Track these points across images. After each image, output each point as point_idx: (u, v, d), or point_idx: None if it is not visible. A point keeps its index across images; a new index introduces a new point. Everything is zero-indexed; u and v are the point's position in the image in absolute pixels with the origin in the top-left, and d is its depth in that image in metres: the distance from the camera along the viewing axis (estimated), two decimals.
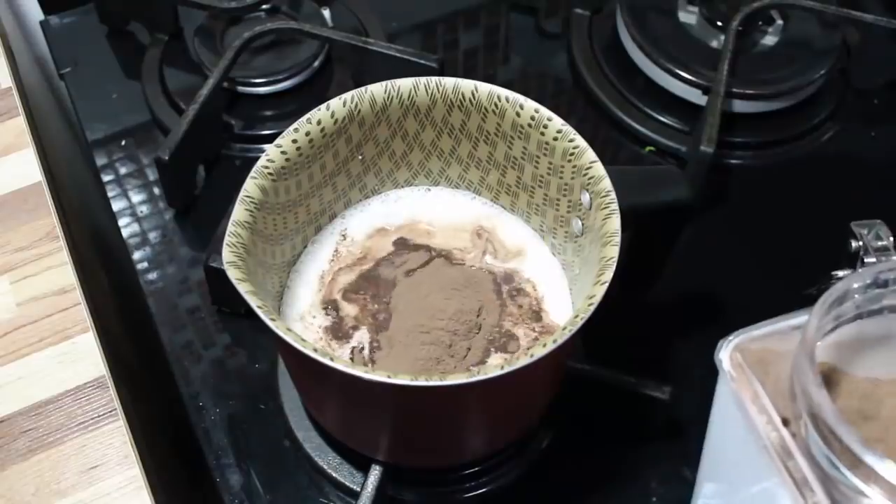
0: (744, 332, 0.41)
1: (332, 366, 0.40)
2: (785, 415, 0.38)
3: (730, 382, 0.40)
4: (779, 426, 0.38)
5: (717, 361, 0.41)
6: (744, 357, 0.40)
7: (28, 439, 0.53)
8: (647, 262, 0.58)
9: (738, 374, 0.40)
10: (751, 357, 0.40)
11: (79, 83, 0.73)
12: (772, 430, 0.38)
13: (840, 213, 0.67)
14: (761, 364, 0.40)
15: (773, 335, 0.41)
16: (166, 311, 0.61)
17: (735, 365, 0.40)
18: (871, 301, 0.40)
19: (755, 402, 0.39)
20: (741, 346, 0.41)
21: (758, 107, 0.70)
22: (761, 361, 0.40)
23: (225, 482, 0.54)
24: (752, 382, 0.40)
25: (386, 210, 0.55)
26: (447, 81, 0.51)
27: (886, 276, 0.40)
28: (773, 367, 0.40)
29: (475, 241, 0.54)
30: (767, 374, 0.40)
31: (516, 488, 0.54)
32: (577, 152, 0.49)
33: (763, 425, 0.39)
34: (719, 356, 0.41)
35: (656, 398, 0.54)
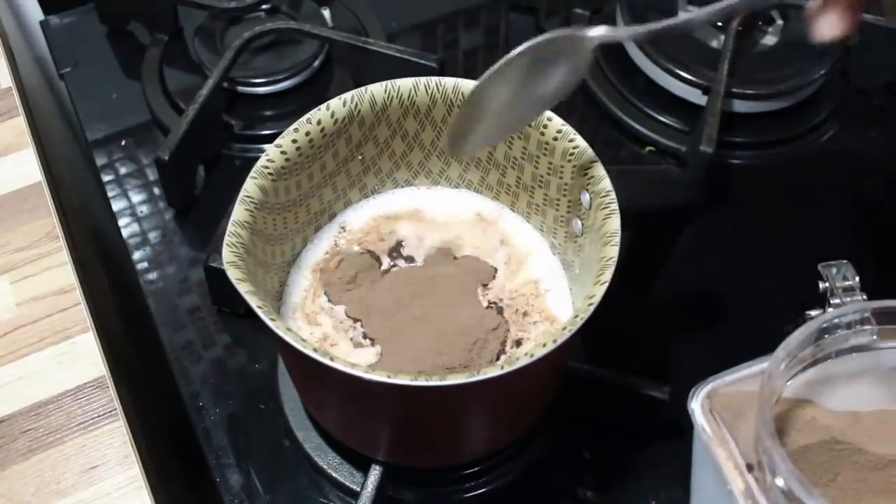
0: (715, 379, 0.43)
1: (332, 366, 0.40)
2: (750, 460, 0.40)
3: (700, 433, 0.41)
4: (743, 471, 0.39)
5: (690, 410, 0.42)
6: (714, 403, 0.42)
7: (28, 439, 0.53)
8: (647, 262, 0.58)
9: (708, 422, 0.42)
10: (721, 402, 0.42)
11: (79, 83, 0.73)
12: (738, 476, 0.40)
13: (840, 213, 0.67)
14: (731, 409, 0.42)
15: (745, 379, 0.43)
16: (166, 311, 0.61)
17: (706, 412, 0.42)
18: (837, 342, 0.42)
19: (723, 447, 0.41)
20: (713, 392, 0.42)
21: (758, 107, 0.70)
22: (731, 406, 0.42)
23: (225, 482, 0.54)
24: (721, 428, 0.41)
25: (386, 209, 0.55)
26: (447, 81, 0.51)
27: (850, 318, 0.42)
28: (744, 412, 0.41)
29: (485, 233, 0.54)
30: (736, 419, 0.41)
31: (516, 488, 0.54)
32: (577, 152, 0.49)
33: (730, 472, 0.40)
34: (691, 405, 0.42)
35: (656, 398, 0.53)
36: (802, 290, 0.62)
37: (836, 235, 0.65)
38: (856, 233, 0.66)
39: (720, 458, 0.40)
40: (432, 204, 0.56)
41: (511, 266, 0.53)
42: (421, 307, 0.50)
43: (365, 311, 0.51)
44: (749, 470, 0.40)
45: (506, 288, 0.52)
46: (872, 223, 0.66)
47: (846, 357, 0.42)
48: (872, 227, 0.66)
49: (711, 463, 0.41)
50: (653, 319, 0.61)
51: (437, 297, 0.50)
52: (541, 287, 0.52)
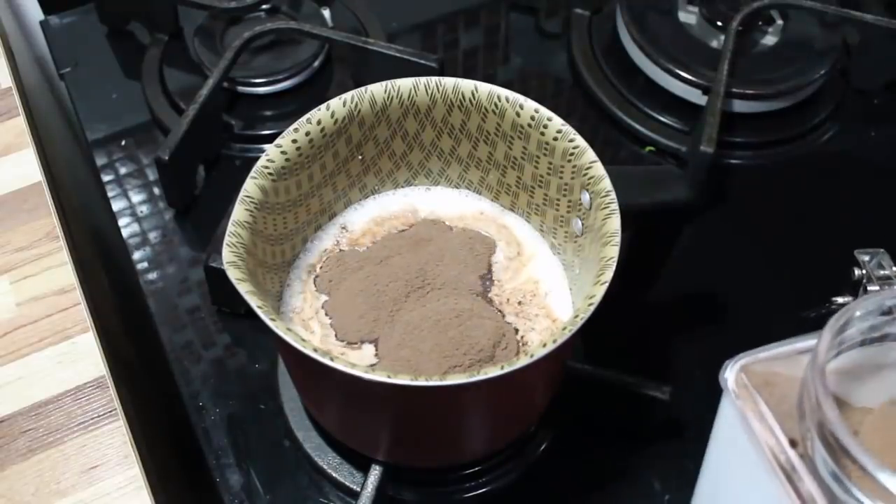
0: (749, 355, 0.41)
1: (332, 366, 0.41)
2: (791, 436, 0.38)
3: (735, 401, 0.40)
4: (786, 446, 0.38)
5: (722, 381, 0.40)
6: (749, 378, 0.40)
7: (28, 439, 0.53)
8: (647, 262, 0.58)
9: (743, 394, 0.40)
10: (755, 378, 0.40)
11: (79, 83, 0.73)
12: (779, 451, 0.38)
13: (840, 213, 0.67)
14: (766, 386, 0.40)
15: (778, 358, 0.41)
16: (166, 311, 0.61)
17: (740, 385, 0.40)
18: (874, 329, 0.41)
19: (761, 422, 0.39)
20: (746, 367, 0.41)
21: (758, 107, 0.70)
22: (766, 383, 0.40)
23: (225, 482, 0.54)
24: (758, 403, 0.39)
25: (386, 209, 0.55)
26: (447, 81, 0.51)
27: (891, 303, 0.40)
28: (777, 389, 0.40)
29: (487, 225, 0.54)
30: (772, 396, 0.40)
31: (516, 488, 0.54)
32: (577, 152, 0.49)
33: (770, 445, 0.39)
34: (724, 376, 0.40)
35: (656, 398, 0.54)
36: (802, 289, 0.62)
37: (836, 235, 0.65)
38: (856, 232, 0.65)
39: (759, 432, 0.39)
40: (432, 204, 0.56)
41: (511, 266, 0.53)
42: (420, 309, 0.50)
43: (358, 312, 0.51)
44: (793, 446, 0.38)
45: (506, 288, 0.52)
46: (872, 223, 0.66)
47: (877, 346, 0.41)
48: (872, 227, 0.66)
49: (743, 440, 0.39)
50: (653, 319, 0.61)
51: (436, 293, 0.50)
52: (541, 287, 0.52)
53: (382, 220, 0.55)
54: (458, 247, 0.53)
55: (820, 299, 0.58)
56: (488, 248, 0.53)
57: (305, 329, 0.51)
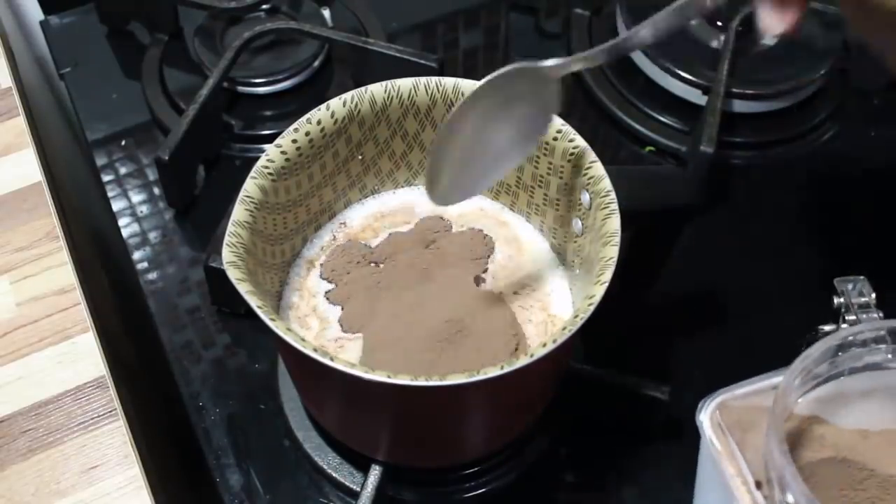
0: (725, 392, 0.42)
1: (331, 366, 0.41)
2: (759, 477, 0.39)
3: (709, 445, 0.41)
4: (752, 489, 0.39)
5: (698, 423, 0.41)
6: (723, 416, 0.41)
7: (28, 439, 0.53)
8: (647, 262, 0.58)
9: (717, 436, 0.41)
10: (731, 416, 0.41)
11: (79, 83, 0.73)
12: (746, 493, 0.39)
13: (839, 213, 0.67)
14: (741, 424, 0.41)
15: (755, 394, 0.42)
16: (166, 311, 0.61)
17: (715, 425, 0.41)
18: (851, 360, 0.41)
19: (732, 462, 0.40)
20: (722, 405, 0.41)
21: (758, 107, 0.70)
22: (741, 421, 0.41)
23: (225, 482, 0.54)
24: (730, 444, 0.40)
25: (386, 208, 0.55)
26: (447, 81, 0.51)
27: (865, 336, 0.41)
28: (754, 426, 0.40)
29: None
30: (746, 434, 0.40)
31: (516, 488, 0.54)
32: (577, 152, 0.49)
33: (738, 488, 0.39)
34: (699, 418, 0.41)
35: (656, 398, 0.53)
36: (802, 289, 0.62)
37: (835, 235, 0.65)
38: (855, 232, 0.66)
39: (728, 474, 0.40)
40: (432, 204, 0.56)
41: (510, 265, 0.53)
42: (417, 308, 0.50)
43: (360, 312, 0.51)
44: (758, 487, 0.39)
45: (503, 284, 0.52)
46: (872, 223, 0.66)
47: (858, 375, 0.42)
48: (872, 227, 0.66)
49: (718, 477, 0.40)
50: (653, 319, 0.61)
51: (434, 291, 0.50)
52: (541, 287, 0.52)
53: (382, 216, 0.55)
54: (460, 244, 0.53)
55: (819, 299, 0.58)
56: (488, 247, 0.53)
57: (302, 326, 0.51)
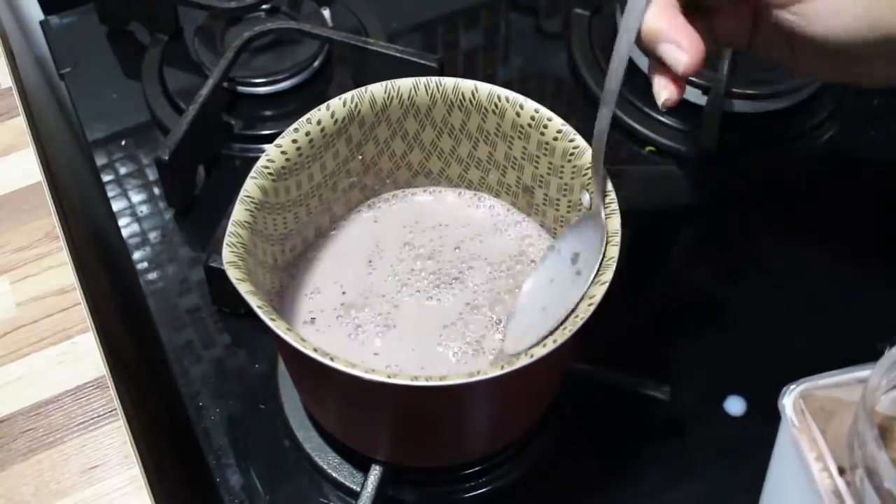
0: (808, 381, 0.42)
1: (332, 366, 0.41)
2: (842, 464, 0.39)
3: (790, 428, 0.41)
4: (834, 474, 0.39)
5: (781, 407, 0.41)
6: (806, 404, 0.41)
7: (28, 439, 0.53)
8: (647, 262, 0.58)
9: (799, 420, 0.41)
10: (813, 404, 0.41)
11: (79, 83, 0.73)
12: (827, 478, 0.39)
13: (839, 214, 0.67)
14: (823, 412, 0.40)
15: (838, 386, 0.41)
16: (166, 311, 0.61)
17: (797, 411, 0.41)
18: None
19: (813, 448, 0.40)
20: (805, 393, 0.41)
21: (758, 107, 0.70)
22: (823, 410, 0.41)
23: (225, 482, 0.54)
24: (812, 429, 0.40)
25: (386, 208, 0.55)
26: (447, 81, 0.51)
27: None
28: (835, 416, 0.40)
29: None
30: (828, 423, 0.40)
31: (517, 488, 0.54)
32: (577, 152, 0.49)
33: (818, 472, 0.39)
34: (783, 402, 0.41)
35: (656, 398, 0.54)
36: (802, 289, 0.62)
37: (835, 235, 0.65)
38: (855, 233, 0.66)
39: (809, 459, 0.40)
40: (432, 204, 0.56)
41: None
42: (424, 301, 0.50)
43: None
44: (841, 473, 0.39)
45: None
46: (872, 223, 0.66)
47: None
48: (872, 227, 0.66)
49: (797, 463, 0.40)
50: (653, 319, 0.61)
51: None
52: None
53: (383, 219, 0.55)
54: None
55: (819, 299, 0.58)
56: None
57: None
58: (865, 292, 0.61)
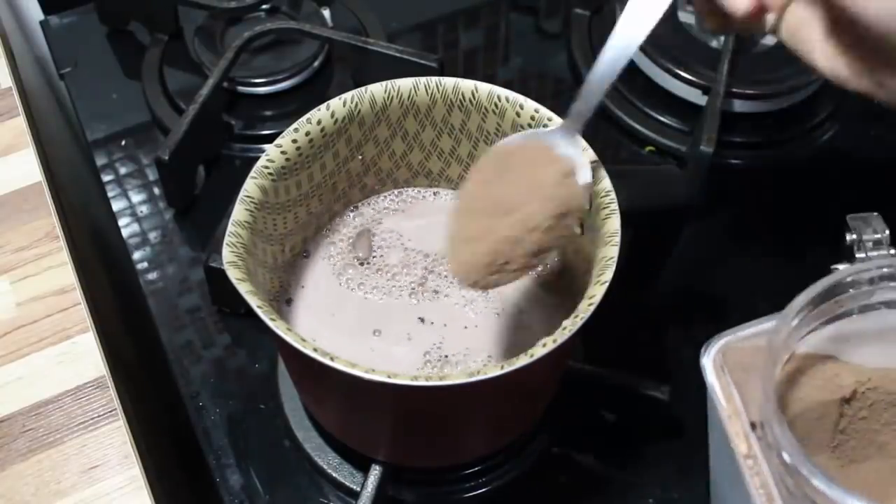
0: (728, 334, 0.41)
1: (332, 366, 0.40)
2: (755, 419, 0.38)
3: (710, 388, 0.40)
4: (746, 428, 0.38)
5: (701, 365, 0.41)
6: (727, 359, 0.40)
7: (28, 439, 0.53)
8: (647, 262, 0.58)
9: (718, 377, 0.40)
10: (733, 357, 0.40)
11: (79, 83, 0.73)
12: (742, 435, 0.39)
13: (839, 213, 0.67)
14: (742, 365, 0.40)
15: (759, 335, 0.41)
16: (166, 311, 0.61)
17: (717, 367, 0.40)
18: (860, 297, 0.40)
19: (729, 403, 0.39)
20: (726, 347, 0.40)
21: (758, 107, 0.70)
22: (743, 363, 0.40)
23: (225, 482, 0.54)
24: (728, 384, 0.39)
25: (386, 208, 0.55)
26: (447, 81, 0.51)
27: (873, 273, 0.40)
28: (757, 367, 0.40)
29: None
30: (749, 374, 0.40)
31: (516, 488, 0.54)
32: None
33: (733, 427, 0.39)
34: (703, 360, 0.41)
35: (656, 398, 0.54)
36: (801, 289, 0.62)
37: (835, 235, 0.65)
38: None
39: (725, 415, 0.39)
40: (435, 204, 0.56)
41: None
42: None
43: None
44: (752, 429, 0.38)
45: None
46: None
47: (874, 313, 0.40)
48: None
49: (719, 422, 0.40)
50: (653, 319, 0.61)
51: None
52: None
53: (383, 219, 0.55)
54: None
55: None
56: None
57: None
58: None
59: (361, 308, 0.51)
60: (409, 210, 0.56)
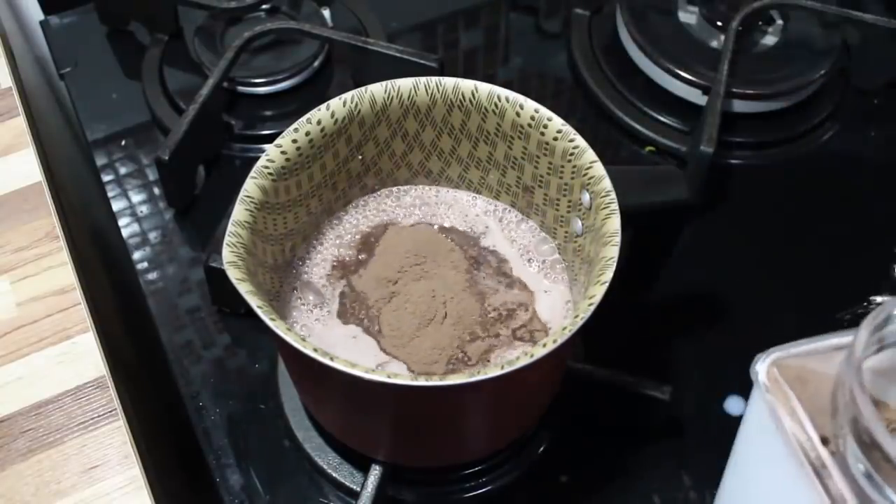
0: (781, 349, 0.40)
1: (331, 366, 0.41)
2: (823, 433, 0.38)
3: (765, 395, 0.39)
4: (816, 443, 0.38)
5: (753, 374, 0.40)
6: (780, 373, 0.40)
7: (28, 439, 0.53)
8: (647, 262, 0.58)
9: (774, 388, 0.39)
10: (787, 373, 0.39)
11: (79, 83, 0.73)
12: (809, 447, 0.38)
13: (840, 213, 0.67)
14: (798, 381, 0.39)
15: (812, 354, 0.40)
16: (166, 311, 0.61)
17: (772, 379, 0.39)
18: None
19: (792, 417, 0.38)
20: (778, 361, 0.40)
21: (758, 107, 0.70)
22: (798, 378, 0.39)
23: (225, 482, 0.54)
24: (790, 398, 0.39)
25: (385, 208, 0.55)
26: (447, 81, 0.51)
27: None
28: (809, 385, 0.39)
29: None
30: (804, 392, 0.39)
31: (516, 488, 0.54)
32: (577, 152, 0.49)
33: (800, 441, 0.38)
34: (755, 369, 0.40)
35: (656, 398, 0.54)
36: (801, 289, 0.62)
37: (835, 235, 0.65)
38: (855, 233, 0.66)
39: (789, 428, 0.38)
40: (434, 204, 0.56)
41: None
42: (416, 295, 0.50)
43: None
44: (824, 443, 0.37)
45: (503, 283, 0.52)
46: (872, 223, 0.66)
47: None
48: (872, 227, 0.66)
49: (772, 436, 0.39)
50: (653, 319, 0.61)
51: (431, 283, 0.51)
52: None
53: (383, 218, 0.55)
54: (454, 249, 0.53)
55: (819, 300, 0.58)
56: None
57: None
58: (867, 291, 0.61)
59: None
60: (409, 210, 0.56)
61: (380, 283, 0.52)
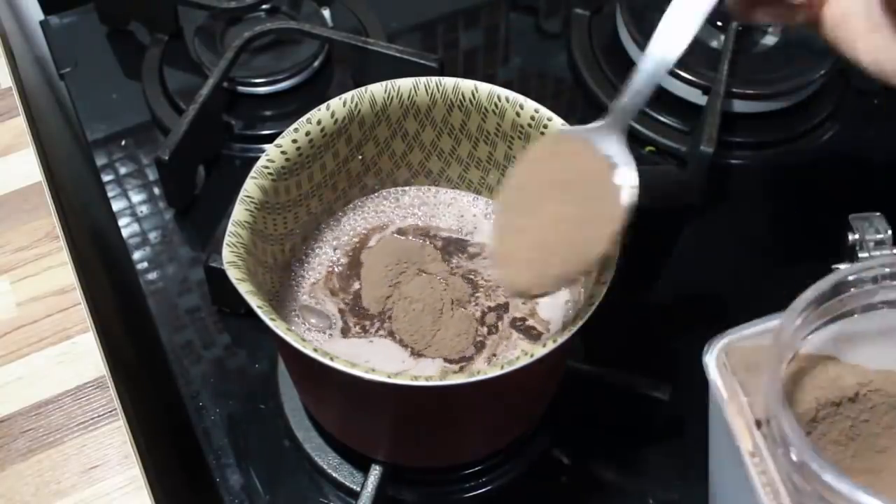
0: (732, 333, 0.41)
1: (332, 366, 0.41)
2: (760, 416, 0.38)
3: (713, 387, 0.40)
4: (752, 427, 0.38)
5: (704, 364, 0.40)
6: (730, 358, 0.40)
7: (28, 439, 0.53)
8: (647, 262, 0.58)
9: (721, 375, 0.40)
10: (736, 357, 0.40)
11: (79, 83, 0.73)
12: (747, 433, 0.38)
13: (840, 213, 0.67)
14: (746, 364, 0.40)
15: (763, 335, 0.41)
16: (166, 311, 0.61)
17: (720, 366, 0.40)
18: (863, 297, 0.40)
19: (734, 401, 0.39)
20: (728, 346, 0.40)
21: (758, 107, 0.70)
22: (746, 362, 0.40)
23: (225, 482, 0.54)
24: (734, 384, 0.39)
25: (385, 208, 0.55)
26: (447, 81, 0.51)
27: (877, 272, 0.39)
28: (761, 366, 0.39)
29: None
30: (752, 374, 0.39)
31: (516, 488, 0.54)
32: None
33: (738, 426, 0.39)
34: (705, 359, 0.40)
35: (656, 398, 0.54)
36: (802, 289, 0.62)
37: (835, 235, 0.65)
38: None
39: (729, 413, 0.39)
40: (434, 204, 0.56)
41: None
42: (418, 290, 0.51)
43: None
44: (758, 426, 0.38)
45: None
46: None
47: (876, 313, 0.40)
48: None
49: (722, 420, 0.40)
50: (653, 319, 0.61)
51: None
52: None
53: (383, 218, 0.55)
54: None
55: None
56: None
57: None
58: None
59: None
60: (408, 210, 0.56)
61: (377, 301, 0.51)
